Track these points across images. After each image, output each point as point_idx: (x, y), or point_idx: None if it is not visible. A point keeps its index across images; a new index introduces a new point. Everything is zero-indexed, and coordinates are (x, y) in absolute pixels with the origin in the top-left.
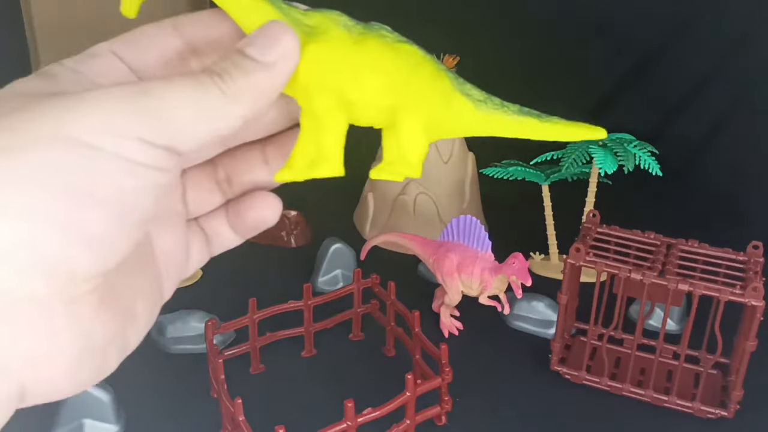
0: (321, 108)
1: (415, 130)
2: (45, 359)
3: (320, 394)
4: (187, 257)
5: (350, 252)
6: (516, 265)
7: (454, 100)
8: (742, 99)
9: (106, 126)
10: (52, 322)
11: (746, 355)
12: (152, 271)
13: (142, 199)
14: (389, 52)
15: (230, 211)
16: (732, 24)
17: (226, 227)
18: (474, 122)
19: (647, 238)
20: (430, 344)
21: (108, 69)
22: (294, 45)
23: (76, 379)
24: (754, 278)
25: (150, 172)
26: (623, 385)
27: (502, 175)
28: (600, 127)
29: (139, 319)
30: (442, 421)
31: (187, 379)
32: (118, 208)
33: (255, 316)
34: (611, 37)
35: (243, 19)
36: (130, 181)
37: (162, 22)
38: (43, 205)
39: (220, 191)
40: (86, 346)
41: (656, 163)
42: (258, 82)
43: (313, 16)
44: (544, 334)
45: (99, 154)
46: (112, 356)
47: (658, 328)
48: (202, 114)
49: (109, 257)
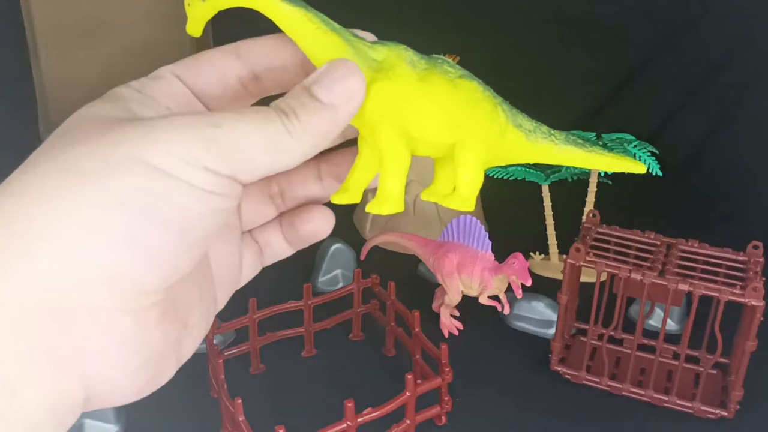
0: (386, 146)
1: (470, 166)
2: (112, 367)
3: (320, 394)
4: (241, 268)
5: (350, 252)
6: (516, 265)
7: (508, 133)
8: (742, 99)
9: (178, 154)
10: (120, 333)
11: (746, 355)
12: (208, 282)
13: (205, 222)
14: (451, 90)
15: (284, 223)
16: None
17: (279, 239)
18: (524, 152)
19: (647, 238)
20: (430, 344)
21: (171, 91)
22: (360, 86)
23: (136, 386)
24: (754, 278)
25: (214, 198)
26: (623, 385)
27: (502, 175)
28: (641, 163)
29: (194, 328)
30: (442, 421)
31: (187, 379)
32: (183, 230)
33: (255, 316)
34: (612, 37)
35: (311, 50)
36: (195, 205)
37: (225, 48)
38: (119, 226)
39: (273, 205)
40: (148, 355)
41: (656, 163)
42: (322, 123)
43: (380, 50)
44: (544, 334)
45: (170, 180)
46: (170, 365)
47: (658, 328)
48: (267, 150)
49: (172, 274)
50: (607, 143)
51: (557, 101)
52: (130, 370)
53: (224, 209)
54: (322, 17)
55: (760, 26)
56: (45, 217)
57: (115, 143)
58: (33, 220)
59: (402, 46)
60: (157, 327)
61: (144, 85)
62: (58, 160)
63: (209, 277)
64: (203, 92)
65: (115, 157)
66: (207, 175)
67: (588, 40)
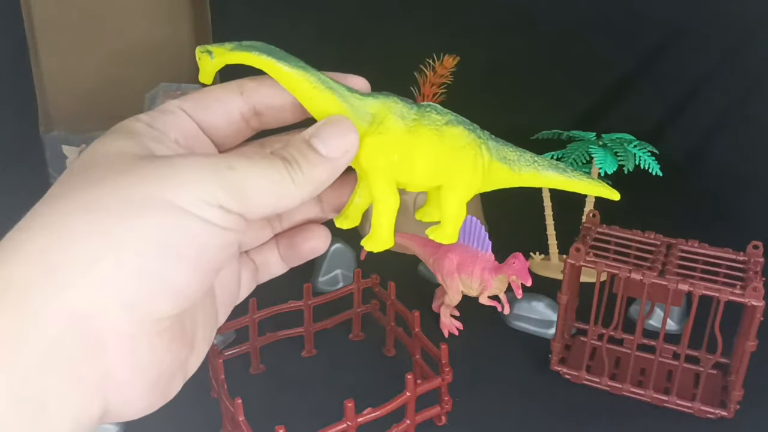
0: (377, 194)
1: (453, 206)
2: (127, 386)
3: (320, 394)
4: (239, 287)
5: (350, 252)
6: (516, 265)
7: (493, 169)
8: (742, 99)
9: (199, 195)
10: (136, 355)
11: (746, 355)
12: (211, 304)
13: (217, 254)
14: (437, 140)
15: (282, 243)
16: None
17: (275, 258)
18: (511, 181)
19: (647, 238)
20: (430, 344)
21: (180, 124)
22: (354, 141)
23: (147, 402)
24: (754, 278)
25: (225, 233)
26: (623, 385)
27: None
28: (615, 191)
29: (199, 347)
30: (442, 421)
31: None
32: (197, 262)
33: (255, 316)
34: (611, 37)
35: (309, 105)
36: (210, 240)
37: (228, 85)
38: (144, 261)
39: (270, 227)
40: (159, 375)
41: (656, 163)
42: (321, 173)
43: (371, 104)
44: (544, 334)
45: (189, 218)
46: (177, 382)
47: (658, 328)
48: (272, 194)
49: (185, 302)
50: (607, 143)
51: (557, 101)
52: (144, 389)
53: (233, 242)
54: (319, 75)
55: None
56: (81, 253)
57: (139, 182)
58: (70, 255)
59: (392, 98)
60: (168, 349)
61: (154, 119)
62: (84, 199)
63: (212, 299)
64: (209, 126)
65: (141, 197)
66: (221, 213)
67: (588, 40)
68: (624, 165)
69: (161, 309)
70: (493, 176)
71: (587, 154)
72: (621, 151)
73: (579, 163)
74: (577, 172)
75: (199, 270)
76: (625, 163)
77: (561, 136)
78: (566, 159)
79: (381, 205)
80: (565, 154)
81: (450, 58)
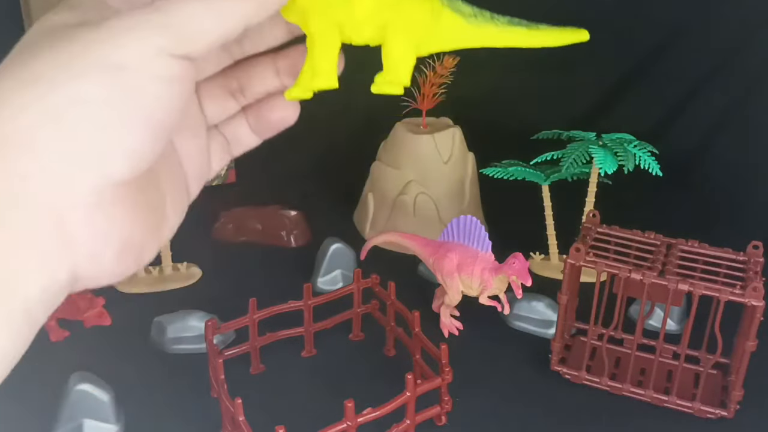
0: (315, 29)
1: (400, 50)
2: (92, 253)
3: (320, 394)
4: (210, 160)
5: (350, 252)
6: (516, 265)
7: (443, 16)
8: (742, 99)
9: (137, 47)
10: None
11: (746, 355)
12: (179, 174)
13: (166, 109)
14: None
15: (250, 114)
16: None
17: (245, 129)
18: (465, 35)
19: (647, 238)
20: (430, 344)
21: None
22: None
23: (119, 268)
24: (754, 278)
25: (171, 85)
26: (623, 385)
27: (502, 175)
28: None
29: (170, 217)
30: (442, 421)
31: (187, 379)
32: (147, 121)
33: (255, 316)
34: (611, 37)
35: None
36: (156, 93)
37: None
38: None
39: (234, 99)
40: (124, 241)
41: (656, 163)
42: None
43: None
44: (544, 334)
45: (130, 74)
46: (150, 248)
47: (658, 328)
48: (210, 14)
49: (140, 164)
50: (607, 143)
51: (557, 101)
52: (111, 257)
53: (182, 92)
54: None
55: (760, 27)
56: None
57: (78, 49)
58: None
59: None
60: (130, 219)
61: None
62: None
63: (180, 170)
64: None
65: (80, 62)
66: (164, 61)
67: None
68: (624, 165)
69: (114, 172)
70: (444, 25)
71: (587, 154)
72: (621, 151)
73: (579, 163)
74: (540, 25)
75: (150, 128)
76: (625, 163)
77: (561, 136)
78: (566, 159)
79: (319, 40)
80: (565, 154)
81: (450, 58)
